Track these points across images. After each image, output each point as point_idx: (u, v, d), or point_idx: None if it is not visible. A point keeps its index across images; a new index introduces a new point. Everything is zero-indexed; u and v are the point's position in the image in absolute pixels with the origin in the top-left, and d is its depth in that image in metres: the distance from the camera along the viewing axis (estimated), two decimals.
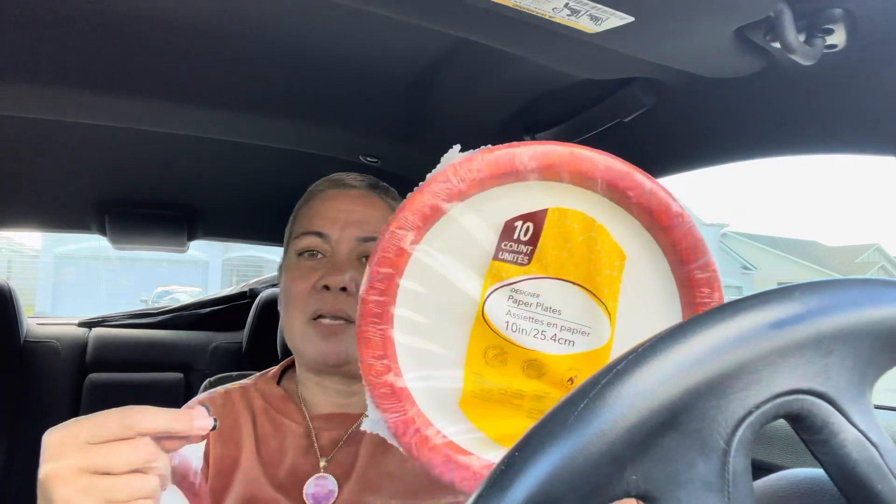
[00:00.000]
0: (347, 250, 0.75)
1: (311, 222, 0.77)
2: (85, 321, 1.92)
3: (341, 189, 0.79)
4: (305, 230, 0.76)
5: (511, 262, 0.53)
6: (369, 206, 0.77)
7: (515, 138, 1.01)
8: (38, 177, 1.36)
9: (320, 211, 0.77)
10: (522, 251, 0.53)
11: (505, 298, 0.54)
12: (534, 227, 0.53)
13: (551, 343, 0.53)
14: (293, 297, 0.75)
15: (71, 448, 0.44)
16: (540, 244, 0.53)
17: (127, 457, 0.44)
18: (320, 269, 0.74)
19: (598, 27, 0.59)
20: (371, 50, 0.82)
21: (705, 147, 0.88)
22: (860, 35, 0.57)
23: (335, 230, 0.75)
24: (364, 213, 0.76)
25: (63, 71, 0.87)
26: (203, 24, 0.76)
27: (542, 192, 0.53)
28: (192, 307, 2.06)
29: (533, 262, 0.53)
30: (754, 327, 0.26)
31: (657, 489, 0.25)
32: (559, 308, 0.54)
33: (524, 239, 0.53)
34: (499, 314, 0.54)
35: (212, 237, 1.82)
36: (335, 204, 0.77)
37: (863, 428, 0.26)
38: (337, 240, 0.75)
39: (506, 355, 0.54)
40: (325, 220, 0.76)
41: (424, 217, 0.53)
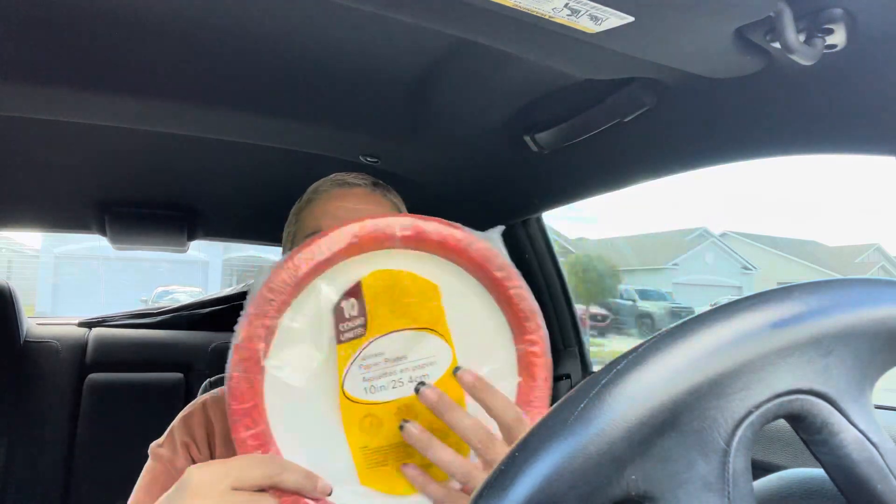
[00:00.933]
0: None
1: (318, 222, 0.77)
2: (85, 321, 1.92)
3: (346, 188, 0.79)
4: (314, 230, 0.76)
5: (352, 338, 0.59)
6: (374, 203, 0.78)
7: (515, 138, 1.02)
8: (38, 177, 1.36)
9: (328, 210, 0.77)
10: (358, 325, 0.59)
11: (357, 369, 0.58)
12: (357, 302, 0.59)
13: (410, 385, 0.58)
14: None
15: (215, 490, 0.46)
16: (368, 312, 0.59)
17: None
18: None
19: (598, 27, 0.59)
20: (371, 50, 0.82)
21: (705, 147, 0.88)
22: (860, 35, 0.57)
23: None
24: (370, 211, 0.77)
25: (63, 71, 0.87)
26: (202, 24, 0.76)
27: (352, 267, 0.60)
28: (192, 307, 2.06)
29: (368, 329, 0.59)
30: (754, 327, 0.26)
31: (657, 489, 0.25)
32: (403, 354, 0.59)
33: (354, 314, 0.59)
34: (356, 386, 0.58)
35: (212, 237, 1.82)
36: (342, 203, 0.77)
37: (863, 428, 0.26)
38: None
39: (379, 418, 0.58)
40: (334, 219, 0.76)
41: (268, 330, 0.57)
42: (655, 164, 0.99)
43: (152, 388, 1.81)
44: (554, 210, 1.39)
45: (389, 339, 0.59)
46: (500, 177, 1.23)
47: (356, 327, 0.58)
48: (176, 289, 13.06)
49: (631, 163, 1.01)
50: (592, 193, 1.18)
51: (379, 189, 0.81)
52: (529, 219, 1.47)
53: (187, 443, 0.74)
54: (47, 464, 1.66)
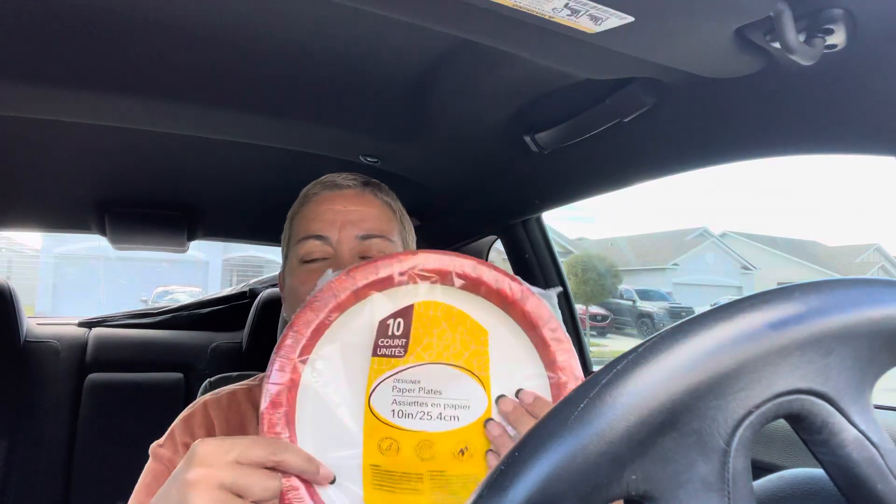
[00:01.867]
0: (349, 249, 0.75)
1: (309, 226, 0.77)
2: (85, 321, 1.92)
3: (335, 190, 0.79)
4: (305, 234, 0.77)
5: (389, 356, 0.60)
6: (365, 203, 0.78)
7: (515, 138, 1.02)
8: (38, 177, 1.36)
9: (318, 214, 0.77)
10: (398, 345, 0.60)
11: (389, 389, 0.59)
12: (404, 322, 0.60)
13: (437, 421, 0.59)
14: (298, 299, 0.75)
15: (220, 461, 0.47)
16: (412, 335, 0.60)
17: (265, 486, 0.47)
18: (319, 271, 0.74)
19: (598, 27, 0.59)
20: (371, 50, 0.82)
21: (705, 147, 0.88)
22: (860, 35, 0.57)
23: (334, 231, 0.75)
24: (361, 212, 0.77)
25: (63, 71, 0.87)
26: (203, 25, 0.76)
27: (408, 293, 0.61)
28: (192, 307, 2.06)
29: (408, 352, 0.60)
30: (754, 327, 0.26)
31: (657, 489, 0.25)
32: (439, 389, 0.59)
33: (397, 333, 0.60)
34: (385, 405, 0.59)
35: (212, 237, 1.82)
36: (331, 205, 0.77)
37: (863, 428, 0.26)
38: (338, 240, 0.75)
39: (398, 443, 0.58)
40: (323, 222, 0.76)
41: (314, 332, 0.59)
42: (655, 164, 0.99)
43: (152, 388, 1.81)
44: (554, 210, 1.39)
45: (428, 370, 0.59)
46: (500, 177, 1.23)
47: (395, 346, 0.60)
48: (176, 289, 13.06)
49: (631, 163, 1.01)
50: (592, 193, 1.18)
51: (370, 188, 0.81)
52: (529, 219, 1.47)
53: (188, 443, 0.74)
54: (47, 464, 1.66)
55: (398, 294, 0.61)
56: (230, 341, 1.95)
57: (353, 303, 0.61)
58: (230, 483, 0.46)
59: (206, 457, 0.47)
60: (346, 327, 0.61)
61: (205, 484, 0.46)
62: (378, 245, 0.75)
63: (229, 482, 0.46)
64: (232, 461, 0.47)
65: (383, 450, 0.58)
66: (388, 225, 0.78)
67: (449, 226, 1.64)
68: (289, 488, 0.53)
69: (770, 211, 39.51)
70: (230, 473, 0.47)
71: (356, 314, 0.61)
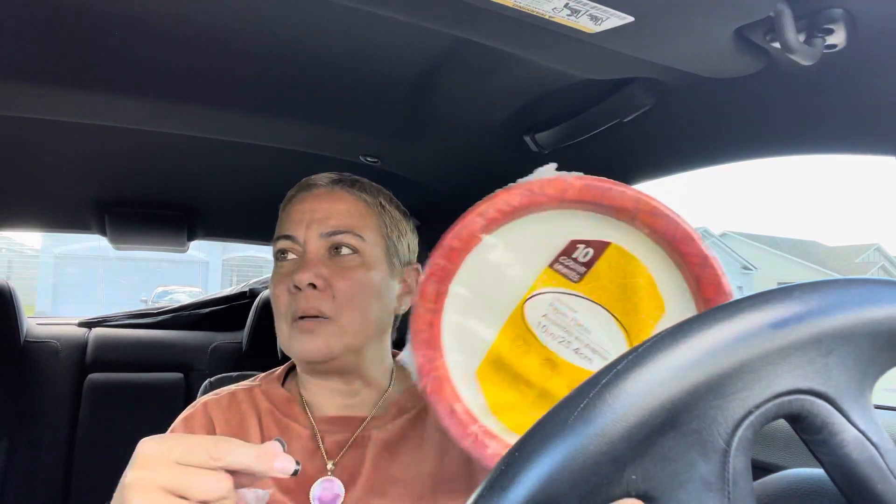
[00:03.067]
0: (315, 247, 0.75)
1: (281, 226, 0.79)
2: (85, 321, 1.92)
3: (306, 191, 0.80)
4: (277, 234, 0.79)
5: (563, 275, 0.60)
6: (333, 201, 0.78)
7: (515, 138, 1.02)
8: (38, 177, 1.36)
9: (289, 214, 0.79)
10: (577, 270, 0.60)
11: (547, 303, 0.60)
12: (593, 254, 0.60)
13: (572, 354, 0.59)
14: (275, 300, 0.77)
15: (161, 463, 0.45)
16: (593, 270, 0.60)
17: (206, 487, 0.45)
18: (293, 270, 0.75)
19: (598, 27, 0.59)
20: (371, 50, 0.82)
21: (705, 147, 0.88)
22: (860, 35, 0.57)
23: (301, 230, 0.76)
24: (327, 209, 0.77)
25: (63, 71, 0.87)
26: (203, 24, 0.76)
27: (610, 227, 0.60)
28: (192, 307, 2.06)
29: (582, 282, 0.60)
30: (754, 327, 0.26)
31: (657, 489, 0.25)
32: (590, 328, 0.60)
33: (582, 261, 0.60)
34: (536, 314, 0.60)
35: (212, 237, 1.82)
36: (300, 206, 0.78)
37: (863, 428, 0.26)
38: (304, 239, 0.76)
39: (529, 347, 0.60)
40: (291, 222, 0.77)
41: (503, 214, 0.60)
42: (655, 164, 0.99)
43: (152, 388, 1.81)
44: None
45: (590, 307, 0.60)
46: (500, 177, 1.23)
47: (574, 271, 0.60)
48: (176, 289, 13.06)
49: (631, 163, 1.01)
50: None
51: (341, 185, 0.80)
52: None
53: None
54: (47, 464, 1.66)
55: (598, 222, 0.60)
56: (230, 341, 1.95)
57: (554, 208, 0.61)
58: (169, 485, 0.45)
59: (146, 458, 0.46)
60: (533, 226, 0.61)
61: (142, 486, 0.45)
62: (345, 241, 0.75)
63: (169, 484, 0.45)
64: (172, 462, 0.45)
65: (513, 345, 0.60)
66: (360, 221, 0.77)
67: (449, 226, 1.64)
68: None
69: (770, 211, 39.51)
70: (169, 475, 0.45)
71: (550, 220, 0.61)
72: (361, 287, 0.75)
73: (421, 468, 0.73)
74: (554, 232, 0.61)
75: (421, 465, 0.73)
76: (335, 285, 0.73)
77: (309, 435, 0.75)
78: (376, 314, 0.76)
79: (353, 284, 0.74)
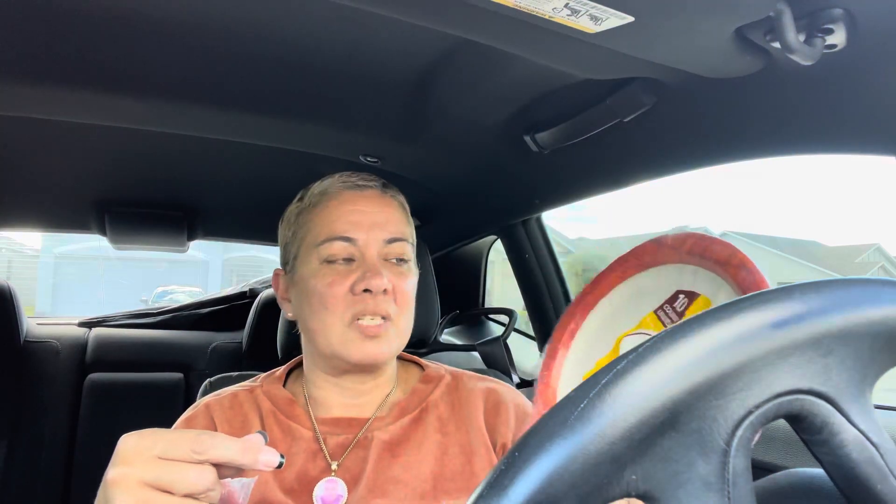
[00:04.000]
0: (376, 252, 0.75)
1: (333, 227, 0.75)
2: (85, 321, 1.91)
3: (357, 190, 0.78)
4: (330, 235, 0.75)
5: (661, 320, 0.65)
6: (387, 206, 0.78)
7: (516, 138, 1.02)
8: (38, 177, 1.36)
9: (342, 214, 0.76)
10: (672, 318, 0.65)
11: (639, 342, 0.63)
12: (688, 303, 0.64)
13: None
14: (328, 301, 0.73)
15: (142, 458, 0.45)
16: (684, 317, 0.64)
17: (190, 481, 0.45)
18: (352, 272, 0.73)
19: (598, 27, 0.59)
20: (371, 50, 0.82)
21: (705, 147, 0.88)
22: (860, 35, 0.57)
23: (361, 233, 0.75)
24: (385, 214, 0.77)
25: (63, 71, 0.87)
26: (203, 25, 0.76)
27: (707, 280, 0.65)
28: (192, 307, 2.06)
29: None
30: (754, 327, 0.26)
31: (657, 489, 0.25)
32: None
33: (679, 310, 0.65)
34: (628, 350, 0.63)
35: (212, 237, 1.82)
36: (354, 206, 0.76)
37: (863, 428, 0.26)
38: (365, 242, 0.74)
39: None
40: (349, 223, 0.75)
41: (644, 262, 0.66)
42: (655, 164, 0.99)
43: (152, 388, 1.81)
44: (554, 210, 1.39)
45: None
46: (500, 177, 1.23)
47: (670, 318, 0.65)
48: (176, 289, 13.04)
49: (631, 163, 1.01)
50: (592, 193, 1.18)
51: (389, 191, 0.80)
52: (529, 219, 1.47)
53: None
54: (47, 464, 1.66)
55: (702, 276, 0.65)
56: (230, 341, 1.95)
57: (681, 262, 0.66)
58: (152, 480, 0.44)
59: (127, 454, 0.45)
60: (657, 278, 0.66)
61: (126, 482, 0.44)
62: (399, 248, 0.76)
63: (152, 479, 0.44)
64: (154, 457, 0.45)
65: None
66: (407, 228, 0.79)
67: (449, 226, 1.64)
68: None
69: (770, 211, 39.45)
70: (152, 470, 0.44)
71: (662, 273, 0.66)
72: (412, 292, 0.78)
73: (422, 468, 0.73)
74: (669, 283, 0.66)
75: (422, 466, 0.73)
76: (397, 288, 0.74)
77: (311, 436, 0.75)
78: (414, 315, 0.79)
79: (408, 289, 0.76)
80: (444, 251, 1.83)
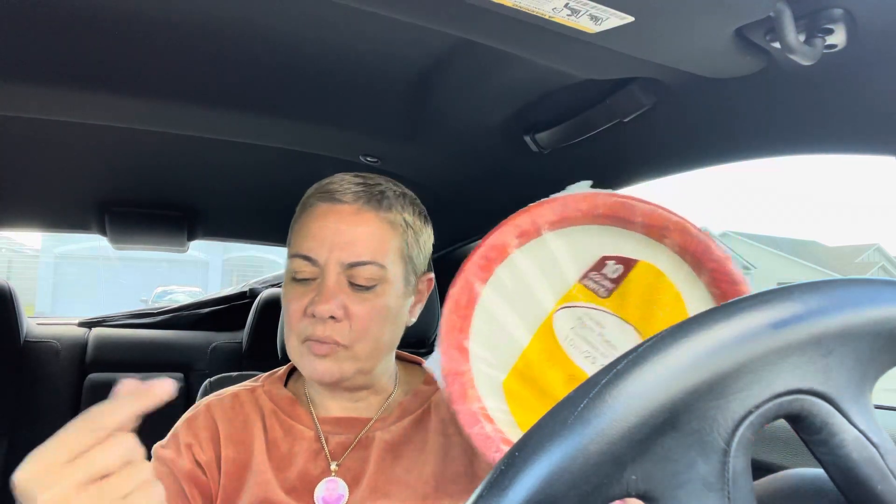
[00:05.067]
0: (335, 275, 0.71)
1: (301, 243, 0.73)
2: (85, 321, 1.91)
3: (332, 203, 0.73)
4: (295, 252, 0.74)
5: (592, 290, 0.61)
6: (359, 223, 0.72)
7: (516, 138, 1.02)
8: (38, 177, 1.36)
9: (311, 230, 0.73)
10: (605, 286, 0.61)
11: (574, 318, 0.61)
12: (622, 270, 0.61)
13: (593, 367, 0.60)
14: (288, 317, 0.74)
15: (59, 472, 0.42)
16: (622, 286, 0.61)
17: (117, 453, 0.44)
18: (310, 292, 0.72)
19: (598, 27, 0.59)
20: (371, 50, 0.82)
21: (705, 147, 0.88)
22: (860, 35, 0.57)
23: (322, 253, 0.71)
24: (353, 233, 0.71)
25: (63, 71, 0.87)
26: (203, 24, 0.76)
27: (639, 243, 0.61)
28: (192, 307, 2.06)
29: (611, 298, 0.61)
30: (754, 327, 0.26)
31: (657, 489, 0.25)
32: (616, 344, 0.60)
33: (611, 277, 0.61)
34: (564, 327, 0.61)
35: (212, 237, 1.82)
36: (322, 222, 0.73)
37: (863, 428, 0.26)
38: (325, 263, 0.71)
39: (555, 361, 0.60)
40: (313, 241, 0.72)
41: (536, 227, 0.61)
42: (655, 164, 0.99)
43: None
44: None
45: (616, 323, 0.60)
46: (500, 177, 1.23)
47: (602, 286, 0.61)
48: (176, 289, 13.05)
49: (631, 163, 1.01)
50: None
51: (368, 204, 0.73)
52: None
53: (190, 443, 0.74)
54: None
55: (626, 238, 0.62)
56: (230, 341, 1.95)
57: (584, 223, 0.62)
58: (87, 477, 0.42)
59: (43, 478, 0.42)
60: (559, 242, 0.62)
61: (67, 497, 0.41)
62: (366, 273, 0.71)
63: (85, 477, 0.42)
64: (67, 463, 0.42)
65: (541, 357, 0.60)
66: (383, 246, 0.72)
67: (449, 226, 1.64)
68: None
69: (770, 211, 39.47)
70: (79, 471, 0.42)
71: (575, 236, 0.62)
72: (378, 314, 0.72)
73: (424, 469, 0.73)
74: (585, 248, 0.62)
75: (424, 467, 0.73)
76: (353, 314, 0.70)
77: (313, 436, 0.75)
78: (388, 336, 0.74)
79: (370, 313, 0.71)
80: (444, 251, 1.83)
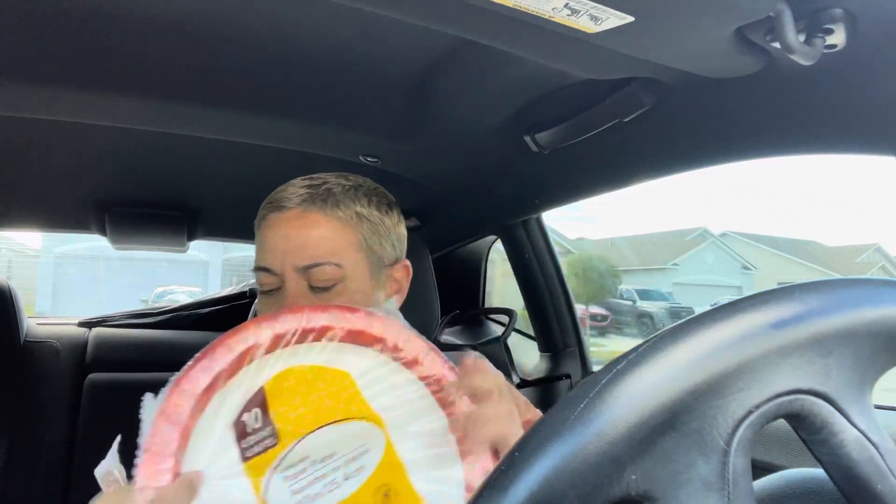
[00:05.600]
0: (294, 281, 0.71)
1: (259, 256, 0.73)
2: (85, 321, 1.91)
3: (277, 212, 0.73)
4: (256, 265, 0.74)
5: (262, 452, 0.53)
6: (305, 226, 0.71)
7: (516, 138, 1.02)
8: (38, 177, 1.36)
9: (265, 242, 0.72)
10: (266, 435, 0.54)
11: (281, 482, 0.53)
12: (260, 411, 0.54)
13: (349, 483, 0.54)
14: None
15: None
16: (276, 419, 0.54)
17: None
18: (274, 304, 0.72)
19: (598, 27, 0.59)
20: (371, 50, 0.82)
21: (705, 147, 0.88)
22: (860, 35, 0.57)
23: (277, 262, 0.71)
24: (302, 238, 0.70)
25: (63, 71, 0.87)
26: (203, 24, 0.76)
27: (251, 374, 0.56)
28: (192, 307, 2.06)
29: (280, 437, 0.54)
30: (754, 327, 0.26)
31: (657, 489, 0.25)
32: (331, 452, 0.54)
33: (258, 426, 0.54)
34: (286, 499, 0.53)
35: (212, 237, 1.82)
36: (273, 231, 0.72)
37: (863, 428, 0.26)
38: (281, 271, 0.71)
39: None
40: (268, 252, 0.72)
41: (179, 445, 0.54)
42: (655, 164, 0.99)
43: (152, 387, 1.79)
44: (554, 210, 1.39)
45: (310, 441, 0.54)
46: (500, 177, 1.23)
47: (264, 439, 0.54)
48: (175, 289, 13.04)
49: (631, 163, 1.01)
50: (592, 193, 1.18)
51: (313, 204, 0.71)
52: (529, 219, 1.47)
53: None
54: (47, 464, 1.66)
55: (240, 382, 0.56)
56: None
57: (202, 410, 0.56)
58: None
59: None
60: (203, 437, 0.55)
61: None
62: (322, 273, 0.70)
63: None
64: None
65: None
66: (336, 244, 0.71)
67: (449, 226, 1.64)
68: None
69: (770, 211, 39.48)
70: None
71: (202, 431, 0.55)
72: None
73: None
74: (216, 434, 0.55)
75: None
76: None
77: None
78: None
79: None
80: (444, 251, 1.83)
